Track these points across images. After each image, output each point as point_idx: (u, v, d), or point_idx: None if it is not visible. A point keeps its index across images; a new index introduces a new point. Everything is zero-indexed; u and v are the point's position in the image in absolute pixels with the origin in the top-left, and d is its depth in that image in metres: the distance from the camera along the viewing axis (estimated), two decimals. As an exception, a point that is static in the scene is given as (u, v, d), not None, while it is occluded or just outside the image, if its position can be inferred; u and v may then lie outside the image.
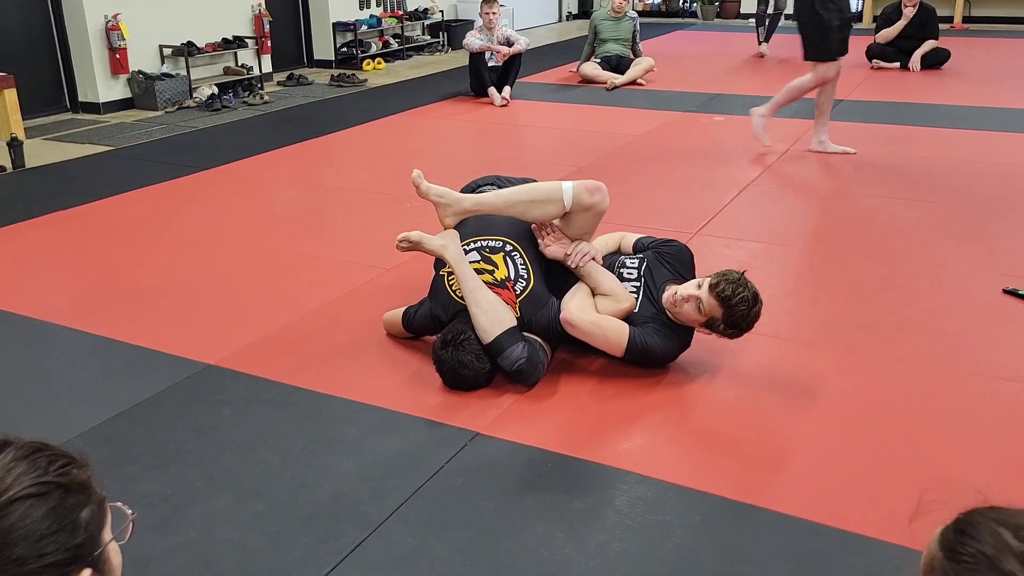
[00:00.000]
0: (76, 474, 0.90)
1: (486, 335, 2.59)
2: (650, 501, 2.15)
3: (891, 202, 4.42)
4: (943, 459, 2.30)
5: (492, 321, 2.60)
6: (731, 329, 2.58)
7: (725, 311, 2.53)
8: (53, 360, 2.96)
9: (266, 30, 8.09)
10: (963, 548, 0.85)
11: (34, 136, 6.18)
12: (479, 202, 2.68)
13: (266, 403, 2.63)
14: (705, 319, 2.58)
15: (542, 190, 2.70)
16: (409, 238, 2.74)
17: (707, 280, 2.57)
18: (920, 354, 2.88)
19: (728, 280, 2.53)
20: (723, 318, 2.55)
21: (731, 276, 2.56)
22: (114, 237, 4.14)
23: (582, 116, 6.70)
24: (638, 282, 2.77)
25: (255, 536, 2.05)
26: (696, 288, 2.57)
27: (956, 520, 0.88)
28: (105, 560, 0.92)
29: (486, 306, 2.61)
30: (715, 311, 2.54)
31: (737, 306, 2.51)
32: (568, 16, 13.83)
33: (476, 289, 2.64)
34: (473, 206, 2.68)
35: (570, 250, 2.74)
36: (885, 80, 7.80)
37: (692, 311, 2.58)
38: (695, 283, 2.61)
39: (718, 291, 2.51)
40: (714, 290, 2.52)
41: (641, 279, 2.77)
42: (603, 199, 2.70)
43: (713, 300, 2.52)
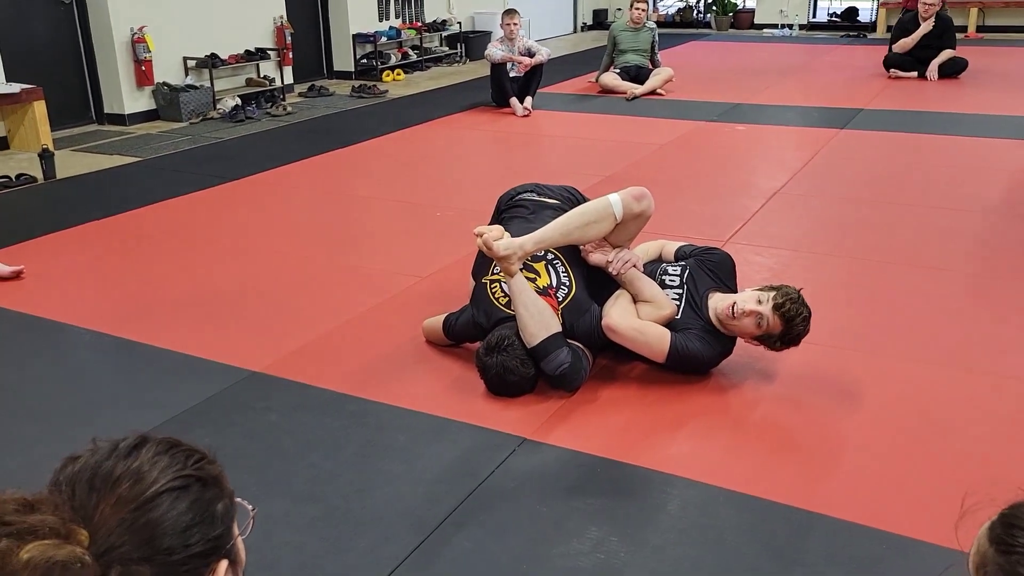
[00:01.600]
0: (210, 469, 0.93)
1: (532, 339, 2.63)
2: (701, 505, 2.17)
3: (918, 210, 4.44)
4: (984, 461, 2.32)
5: (539, 325, 2.63)
6: (785, 346, 2.62)
7: (785, 329, 2.58)
8: (97, 367, 3.00)
9: (288, 42, 8.17)
10: (1014, 539, 0.87)
11: (62, 147, 6.26)
12: (539, 240, 2.69)
13: (313, 410, 2.67)
14: (762, 333, 2.61)
15: (593, 210, 2.72)
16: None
17: (768, 295, 2.60)
18: (955, 359, 2.89)
19: (792, 300, 2.58)
20: (780, 335, 2.60)
21: (793, 295, 2.60)
22: (151, 247, 4.19)
23: (604, 126, 6.75)
24: (680, 289, 2.80)
25: (313, 540, 2.08)
26: (757, 304, 2.59)
27: (1002, 515, 0.91)
28: (237, 552, 0.95)
29: (533, 310, 2.65)
30: (776, 328, 2.59)
31: (798, 326, 2.58)
32: (583, 27, 13.91)
33: (523, 292, 2.67)
34: (534, 246, 2.69)
35: (611, 257, 2.77)
36: (904, 89, 7.83)
37: (751, 325, 2.61)
38: (754, 297, 2.62)
39: (784, 311, 2.56)
40: (779, 309, 2.56)
41: (684, 286, 2.80)
42: (650, 204, 2.74)
43: (777, 318, 2.57)
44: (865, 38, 11.93)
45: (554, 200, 3.05)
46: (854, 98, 7.44)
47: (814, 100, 7.45)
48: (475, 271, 3.01)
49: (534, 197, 3.07)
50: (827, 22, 13.14)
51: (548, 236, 2.70)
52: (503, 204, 3.14)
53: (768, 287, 2.67)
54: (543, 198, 3.06)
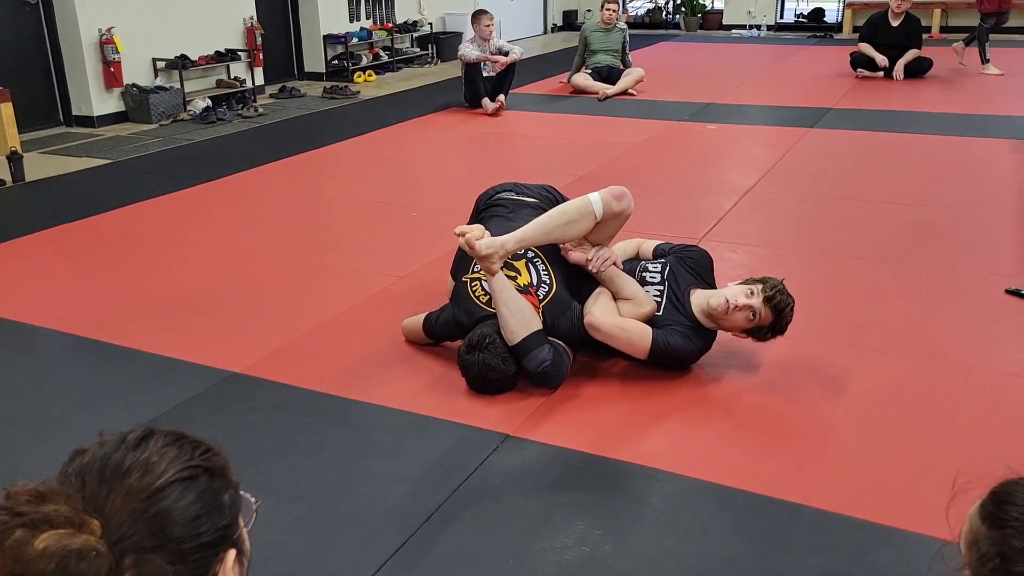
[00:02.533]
0: (216, 460, 0.94)
1: (514, 336, 2.64)
2: (684, 498, 2.20)
3: (887, 207, 4.53)
4: (965, 450, 2.37)
5: (520, 323, 2.64)
6: (773, 335, 2.69)
7: (775, 320, 2.65)
8: (73, 370, 2.97)
9: (258, 43, 8.11)
10: (1006, 514, 0.90)
11: (30, 150, 6.15)
12: (520, 239, 2.69)
13: (295, 410, 2.66)
14: (752, 326, 2.65)
15: (574, 209, 2.74)
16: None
17: (756, 288, 2.65)
18: (930, 353, 2.95)
19: (779, 291, 2.65)
20: (771, 326, 2.66)
21: (780, 286, 2.67)
22: (124, 249, 4.15)
23: (576, 126, 6.78)
24: (661, 285, 2.83)
25: (298, 539, 2.07)
26: (747, 297, 2.64)
27: (992, 492, 0.94)
28: (243, 542, 0.96)
29: (514, 308, 2.66)
30: (766, 320, 2.65)
31: (787, 315, 2.65)
32: (553, 28, 13.96)
33: (504, 290, 2.68)
34: (516, 245, 2.69)
35: (591, 255, 2.79)
36: (871, 89, 7.95)
37: (742, 319, 2.66)
38: (743, 291, 2.66)
39: (775, 303, 2.62)
40: (771, 302, 2.63)
41: (665, 283, 2.83)
42: (629, 203, 2.76)
43: (768, 310, 2.63)
44: (831, 38, 12.10)
45: (533, 199, 3.07)
46: (822, 97, 7.55)
47: (783, 100, 7.55)
48: (454, 270, 3.01)
49: (513, 196, 3.08)
50: (794, 23, 13.31)
51: (529, 235, 2.72)
52: (482, 203, 3.14)
53: (752, 280, 2.72)
54: (522, 196, 3.08)
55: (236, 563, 0.95)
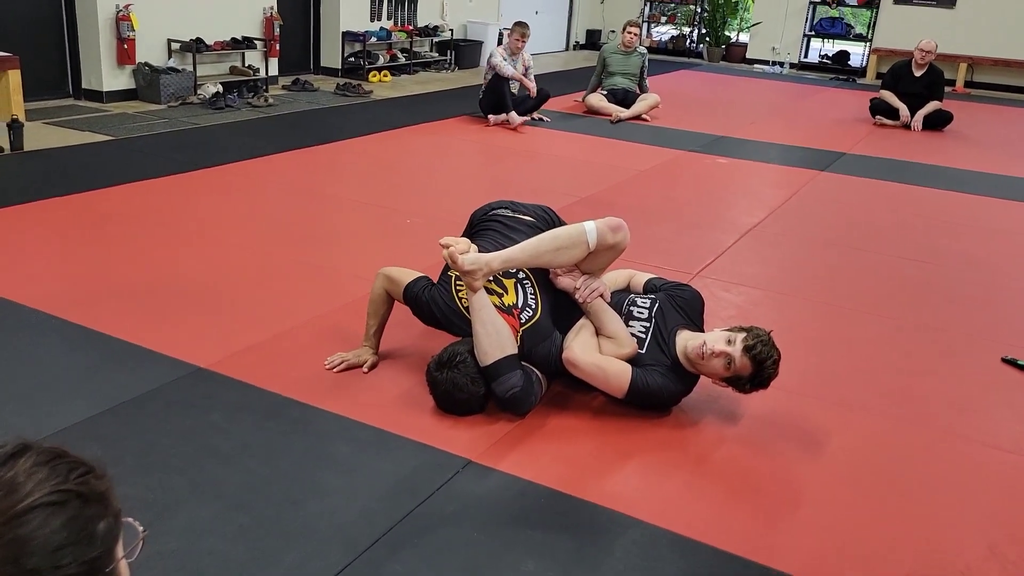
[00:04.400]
0: (95, 484, 0.87)
1: (486, 357, 2.56)
2: (644, 547, 2.10)
3: (891, 260, 4.44)
4: (942, 523, 2.28)
5: (494, 345, 2.56)
6: (754, 388, 2.57)
7: (755, 372, 2.52)
8: (40, 350, 2.88)
9: (276, 33, 8.08)
10: None
11: (34, 119, 6.11)
12: (507, 259, 2.62)
13: (256, 412, 2.57)
14: (730, 375, 2.55)
15: (566, 236, 2.64)
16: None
17: (738, 336, 2.54)
18: (918, 416, 2.86)
19: (763, 342, 2.51)
20: (749, 377, 2.54)
21: (764, 337, 2.54)
22: (109, 228, 4.08)
23: (586, 147, 6.71)
24: (648, 322, 2.74)
25: (240, 550, 1.99)
26: (726, 344, 2.53)
27: None
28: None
29: (491, 329, 2.58)
30: (745, 370, 2.52)
31: (768, 368, 2.52)
32: (576, 45, 13.94)
33: (483, 308, 2.60)
34: (501, 265, 2.62)
35: (579, 284, 2.71)
36: (888, 137, 7.88)
37: (720, 366, 2.55)
38: (724, 338, 2.56)
39: (754, 353, 2.49)
40: (750, 352, 2.49)
41: (652, 320, 2.74)
42: (625, 237, 2.65)
43: (746, 360, 2.50)
44: (854, 82, 12.06)
45: (530, 217, 2.98)
46: (837, 141, 7.48)
47: (798, 140, 7.48)
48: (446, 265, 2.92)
49: (509, 213, 2.99)
50: (818, 63, 13.27)
51: (516, 256, 2.63)
52: (476, 218, 3.05)
53: (738, 328, 2.62)
54: (518, 214, 2.99)
55: None
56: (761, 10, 13.21)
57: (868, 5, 12.69)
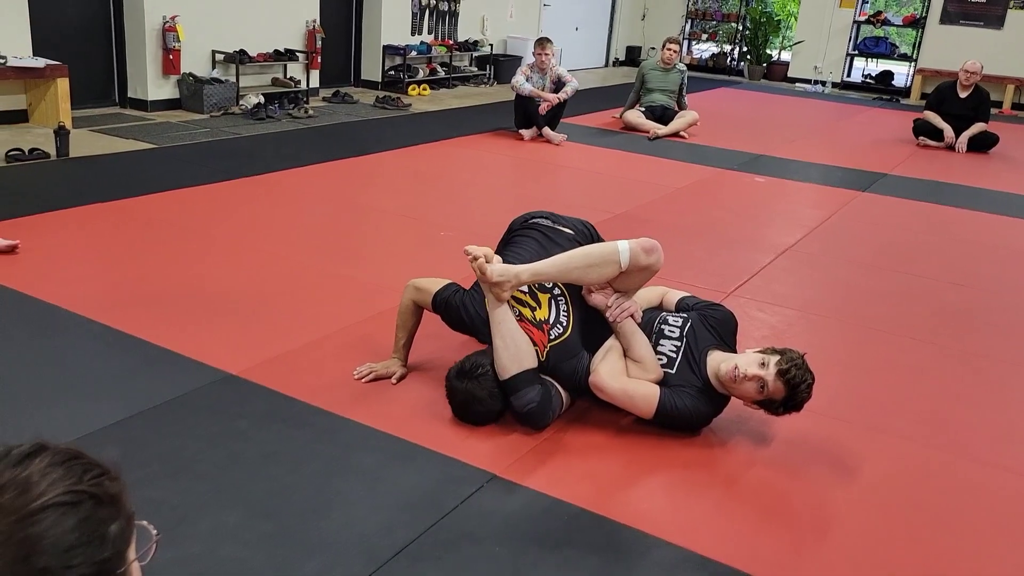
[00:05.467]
0: (109, 486, 0.87)
1: (504, 372, 2.55)
2: (668, 568, 2.07)
3: (931, 283, 4.35)
4: (969, 554, 2.21)
5: (512, 359, 2.55)
6: (787, 411, 2.53)
7: (788, 396, 2.48)
8: (76, 352, 2.93)
9: (318, 46, 8.19)
10: None
11: (81, 127, 6.25)
12: (536, 272, 2.60)
13: (284, 420, 2.59)
14: (763, 399, 2.51)
15: (598, 253, 2.60)
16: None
17: (771, 360, 2.49)
18: (954, 444, 2.79)
19: (796, 365, 2.46)
20: (783, 401, 2.49)
21: (798, 360, 2.49)
22: (149, 235, 4.14)
23: (622, 163, 6.69)
24: (679, 341, 2.70)
25: (260, 558, 1.99)
26: (760, 367, 2.48)
27: None
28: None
29: (510, 342, 2.56)
30: (778, 394, 2.48)
31: (801, 393, 2.47)
32: (615, 62, 13.94)
33: (504, 322, 2.58)
34: (530, 278, 2.60)
35: (611, 302, 2.67)
36: (931, 158, 7.75)
37: (753, 390, 2.50)
38: (757, 360, 2.51)
39: (788, 377, 2.45)
40: (784, 376, 2.45)
41: (683, 339, 2.70)
42: (659, 259, 2.59)
43: (780, 384, 2.46)
44: (898, 103, 11.89)
45: (568, 230, 2.93)
46: (879, 162, 7.37)
47: (838, 160, 7.38)
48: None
49: (548, 224, 2.94)
50: (861, 83, 13.11)
51: (546, 270, 2.61)
52: (515, 225, 3.01)
53: (771, 349, 2.56)
54: (558, 225, 2.94)
55: None
56: (804, 28, 13.10)
57: (914, 25, 12.52)
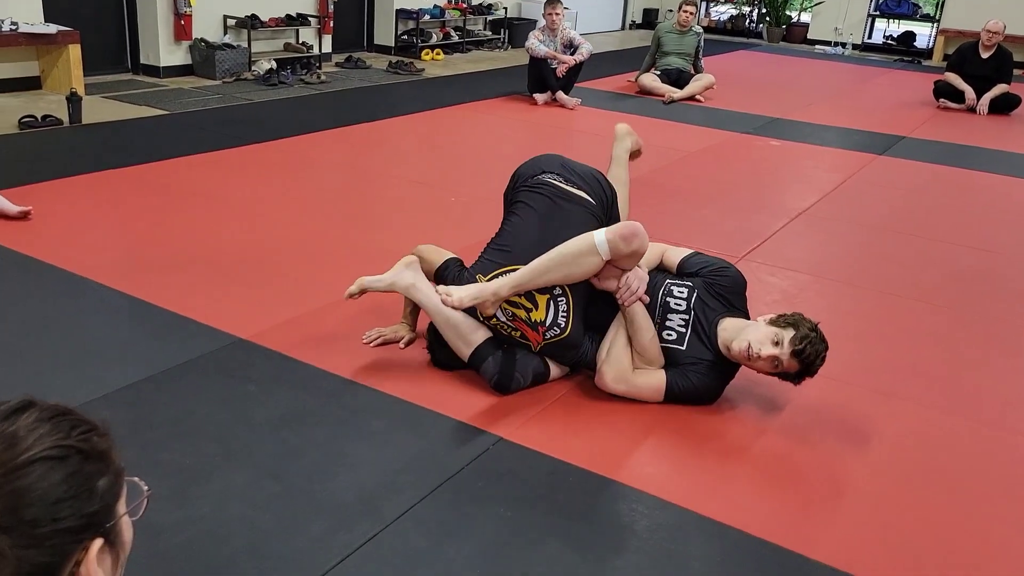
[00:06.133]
0: (97, 441, 0.88)
1: (460, 354, 2.66)
2: (671, 529, 2.08)
3: (947, 246, 4.29)
4: (980, 520, 2.20)
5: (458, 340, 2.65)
6: (800, 381, 2.52)
7: (802, 368, 2.46)
8: (88, 317, 2.96)
9: (330, 10, 8.12)
10: None
11: (93, 93, 6.26)
12: (516, 285, 2.52)
13: (293, 383, 2.61)
14: (777, 372, 2.50)
15: (573, 250, 2.49)
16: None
17: (785, 336, 2.44)
18: (968, 409, 2.77)
19: (811, 341, 2.43)
20: (797, 373, 2.49)
21: (812, 335, 2.44)
22: (160, 201, 4.16)
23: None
24: (687, 314, 2.63)
25: (268, 518, 2.02)
26: (773, 346, 2.43)
27: None
28: (118, 533, 0.90)
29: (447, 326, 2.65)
30: (792, 369, 2.47)
31: (816, 364, 2.46)
32: (632, 25, 13.75)
33: (439, 312, 2.64)
34: (511, 292, 2.53)
35: (621, 284, 2.58)
36: (951, 121, 7.61)
37: (767, 368, 2.49)
38: (770, 336, 2.45)
39: (803, 356, 2.43)
40: (799, 356, 2.43)
41: (691, 312, 2.63)
42: (641, 243, 2.48)
43: (795, 361, 2.44)
44: (920, 64, 11.66)
45: (581, 190, 2.76)
46: (898, 125, 7.25)
47: (856, 123, 7.27)
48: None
49: (560, 183, 2.76)
50: (882, 44, 12.87)
51: (526, 279, 2.52)
52: (523, 177, 2.84)
53: (783, 321, 2.49)
54: (570, 186, 2.77)
55: (106, 554, 0.89)
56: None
57: (937, -16, 12.25)
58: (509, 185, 2.91)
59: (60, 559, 0.83)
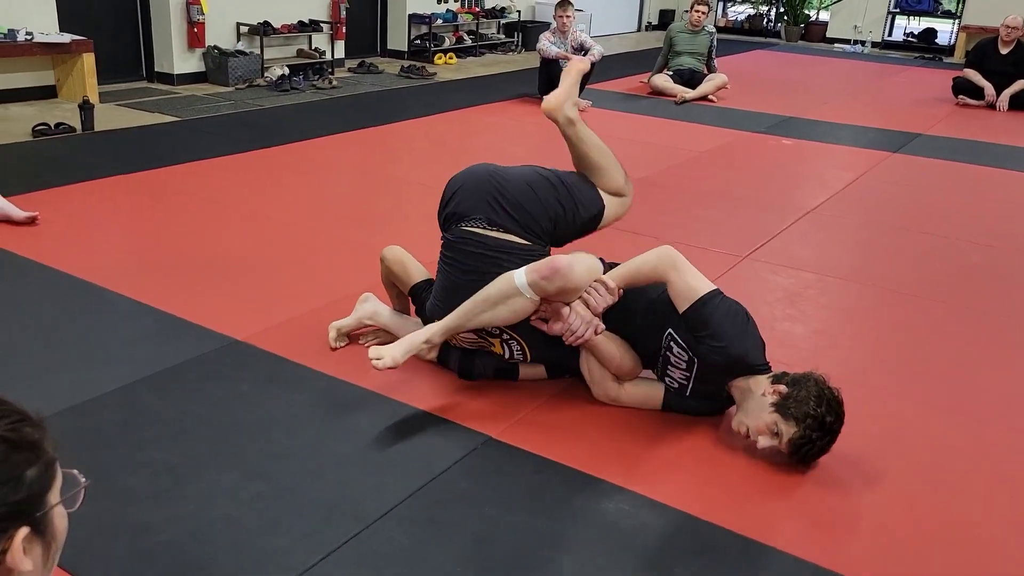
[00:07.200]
0: (27, 432, 0.89)
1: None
2: (657, 528, 2.06)
3: (958, 244, 4.22)
4: (967, 520, 2.16)
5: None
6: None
7: (797, 460, 2.28)
8: (86, 319, 2.99)
9: (342, 16, 8.17)
10: None
11: (108, 101, 6.34)
12: (447, 329, 2.45)
13: (284, 384, 2.62)
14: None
15: (496, 293, 2.36)
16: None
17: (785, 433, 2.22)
18: (969, 407, 2.71)
19: (810, 444, 2.20)
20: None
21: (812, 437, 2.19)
22: (167, 205, 4.20)
23: (647, 128, 6.59)
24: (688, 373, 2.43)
25: (252, 517, 2.02)
26: (771, 437, 2.25)
27: None
28: (48, 522, 0.91)
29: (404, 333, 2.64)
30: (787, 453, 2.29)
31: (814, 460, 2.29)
32: (648, 26, 13.70)
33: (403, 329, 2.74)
34: (444, 337, 2.48)
35: (561, 327, 2.40)
36: (970, 117, 7.51)
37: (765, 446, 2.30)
38: (770, 426, 2.24)
39: (799, 456, 2.24)
40: (795, 454, 2.24)
41: (691, 378, 2.44)
42: (566, 279, 2.30)
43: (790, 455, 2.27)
44: (941, 61, 11.52)
45: (509, 237, 2.50)
46: (914, 122, 7.16)
47: (872, 120, 7.19)
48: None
49: (484, 232, 2.51)
50: (903, 41, 12.73)
51: (455, 325, 2.44)
52: (449, 221, 2.60)
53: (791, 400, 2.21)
54: (496, 231, 2.50)
55: (35, 543, 0.89)
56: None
57: (958, -20, 12.09)
58: (440, 206, 2.66)
59: None
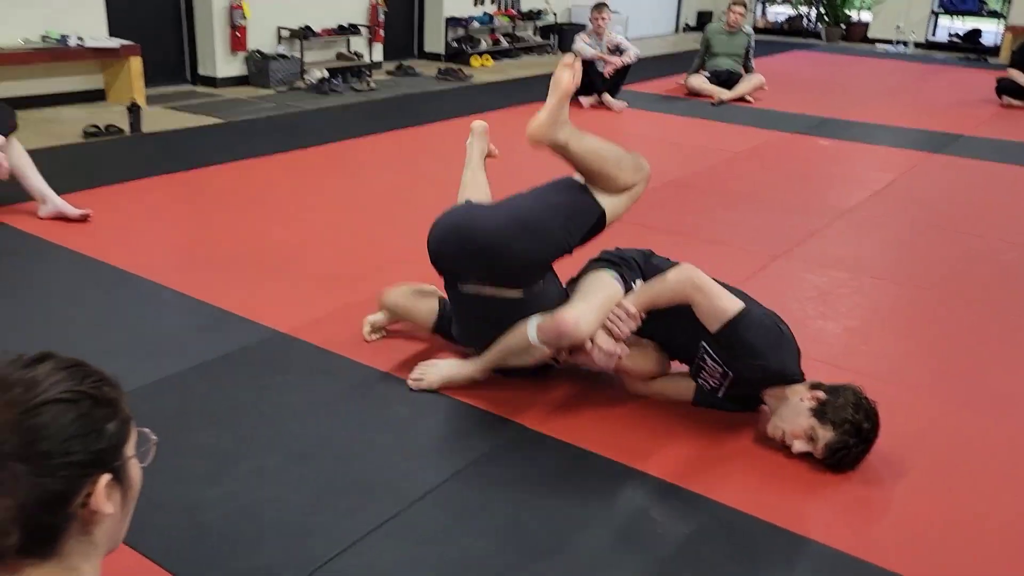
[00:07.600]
0: (107, 391, 1.00)
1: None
2: (686, 515, 2.10)
3: (995, 244, 4.20)
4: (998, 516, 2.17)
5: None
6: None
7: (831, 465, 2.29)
8: (140, 312, 3.11)
9: (380, 20, 8.30)
10: None
11: (155, 104, 6.53)
12: (485, 369, 2.62)
13: (326, 373, 2.70)
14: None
15: (515, 345, 2.51)
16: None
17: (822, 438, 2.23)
18: (995, 405, 2.71)
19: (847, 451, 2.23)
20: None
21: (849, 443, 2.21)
22: (213, 202, 4.34)
23: (683, 129, 6.61)
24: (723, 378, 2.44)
25: (296, 496, 2.11)
26: (807, 442, 2.27)
27: None
28: (125, 472, 1.02)
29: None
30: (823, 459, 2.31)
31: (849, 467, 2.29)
32: (685, 27, 13.68)
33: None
34: (484, 375, 2.63)
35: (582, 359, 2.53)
36: (1013, 118, 7.41)
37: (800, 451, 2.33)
38: (806, 430, 2.26)
39: (834, 461, 2.26)
40: (830, 460, 2.25)
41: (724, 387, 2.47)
42: (573, 339, 2.39)
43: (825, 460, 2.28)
44: (986, 62, 11.35)
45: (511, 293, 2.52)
46: (956, 123, 7.09)
47: (912, 121, 7.13)
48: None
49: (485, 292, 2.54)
50: (947, 42, 12.56)
51: (492, 364, 2.62)
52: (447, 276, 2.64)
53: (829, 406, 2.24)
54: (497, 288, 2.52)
55: (114, 489, 1.00)
56: (884, -14, 12.60)
57: (1002, -21, 11.91)
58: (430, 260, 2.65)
59: (71, 488, 0.95)
